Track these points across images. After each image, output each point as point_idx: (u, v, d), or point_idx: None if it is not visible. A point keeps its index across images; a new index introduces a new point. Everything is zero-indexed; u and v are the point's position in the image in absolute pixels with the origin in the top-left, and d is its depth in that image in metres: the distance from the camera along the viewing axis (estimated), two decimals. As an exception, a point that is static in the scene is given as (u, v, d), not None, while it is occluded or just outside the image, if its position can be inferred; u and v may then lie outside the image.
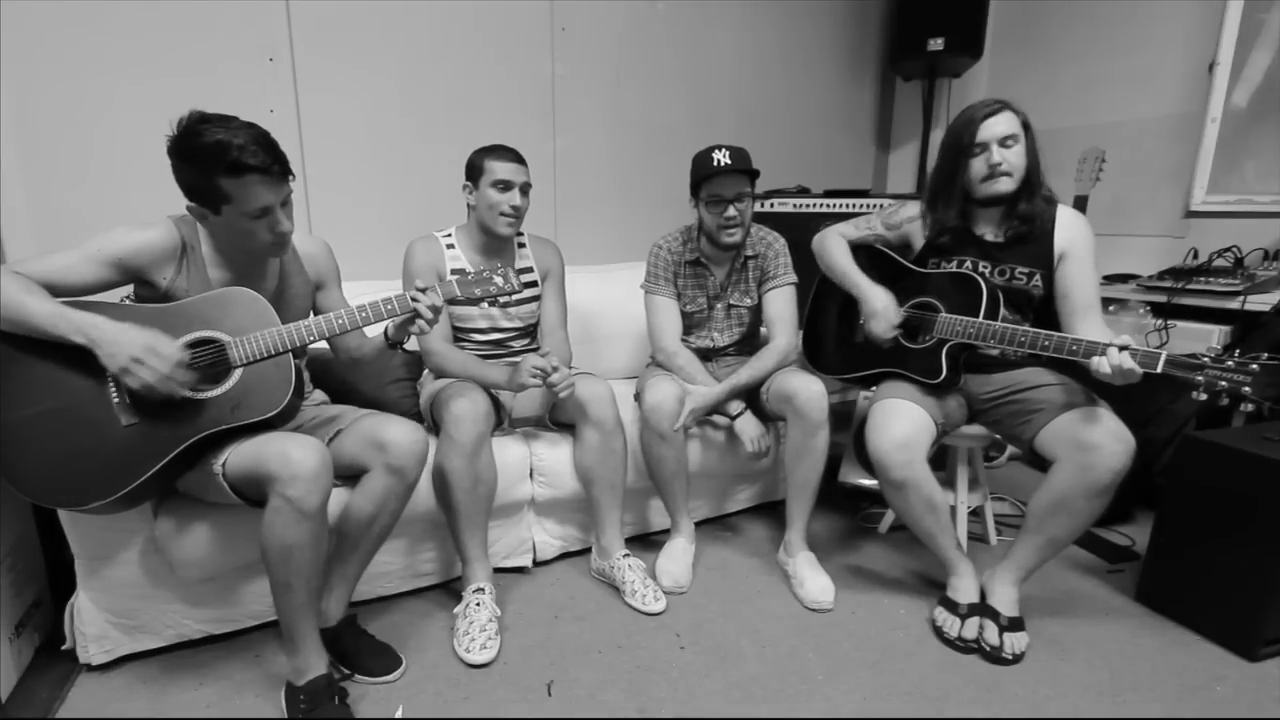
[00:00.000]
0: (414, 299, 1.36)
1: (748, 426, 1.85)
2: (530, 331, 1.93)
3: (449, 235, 1.82)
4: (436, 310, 1.38)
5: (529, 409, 1.89)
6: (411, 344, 1.71)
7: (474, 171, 1.73)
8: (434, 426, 1.71)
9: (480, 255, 1.81)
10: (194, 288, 1.30)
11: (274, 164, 1.21)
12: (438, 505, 1.62)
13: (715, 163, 1.75)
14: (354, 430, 1.43)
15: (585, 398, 1.72)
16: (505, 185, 1.70)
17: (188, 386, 1.23)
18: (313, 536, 1.23)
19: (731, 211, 1.78)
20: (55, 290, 1.21)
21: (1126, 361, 1.27)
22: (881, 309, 1.64)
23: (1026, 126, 1.54)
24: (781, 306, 1.90)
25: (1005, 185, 1.53)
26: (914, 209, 1.74)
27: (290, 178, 1.27)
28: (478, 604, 1.56)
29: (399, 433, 1.39)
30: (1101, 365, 1.31)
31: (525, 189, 1.74)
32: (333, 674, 1.32)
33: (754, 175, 1.80)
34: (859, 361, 1.79)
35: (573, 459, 1.80)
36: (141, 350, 1.16)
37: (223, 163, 1.17)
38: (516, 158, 1.72)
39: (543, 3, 2.44)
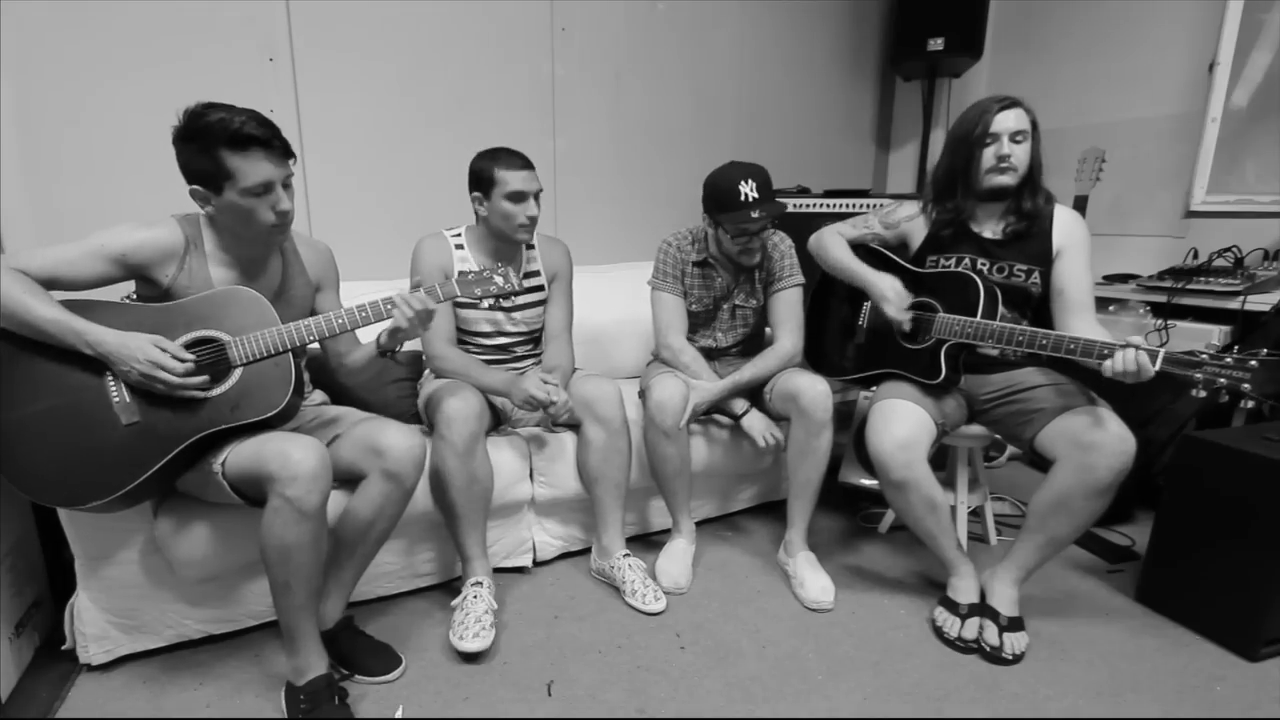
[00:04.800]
0: (388, 306, 1.35)
1: (755, 422, 1.84)
2: (536, 337, 1.92)
3: (458, 235, 1.79)
4: (425, 315, 1.37)
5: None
6: (414, 344, 1.71)
7: (483, 182, 1.67)
8: (431, 426, 1.70)
9: (489, 258, 1.78)
10: (196, 286, 1.30)
11: (274, 138, 1.24)
12: (435, 505, 1.62)
13: (743, 198, 1.70)
14: (352, 435, 1.43)
15: (592, 397, 1.72)
16: (520, 196, 1.65)
17: (200, 388, 1.25)
18: (312, 537, 1.23)
19: (755, 243, 1.80)
20: (57, 284, 1.22)
21: (1144, 361, 1.27)
22: (891, 291, 1.63)
23: (1035, 125, 1.55)
24: (787, 308, 1.90)
25: (1010, 179, 1.54)
26: (912, 208, 1.75)
27: (291, 159, 1.29)
28: (475, 596, 1.55)
29: (396, 438, 1.39)
30: (1116, 364, 1.30)
31: (538, 195, 1.69)
32: (333, 674, 1.33)
33: (780, 205, 1.77)
34: (859, 362, 1.79)
35: (576, 458, 1.80)
36: (149, 366, 1.19)
37: (225, 135, 1.19)
38: (526, 164, 1.67)
39: (543, 3, 2.44)
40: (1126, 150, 2.52)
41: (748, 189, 1.71)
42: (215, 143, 1.19)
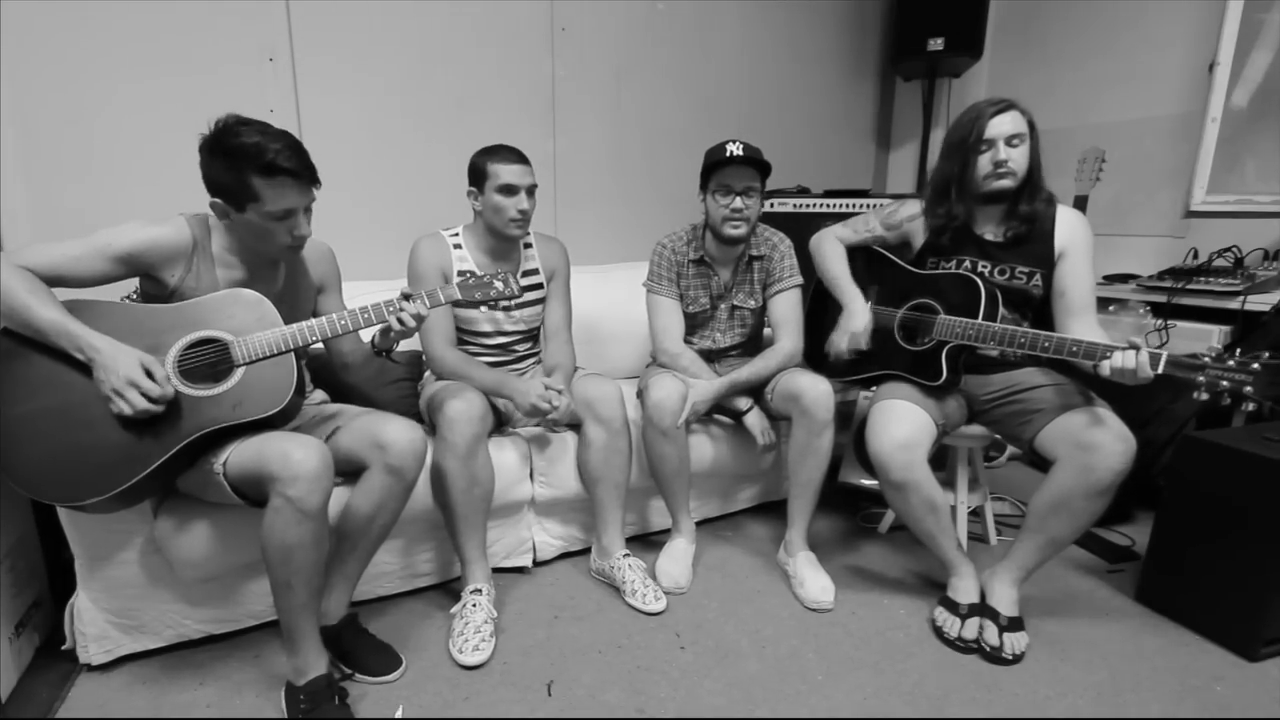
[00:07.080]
0: (389, 309, 1.36)
1: (756, 420, 1.86)
2: (535, 335, 1.92)
3: (456, 234, 1.80)
4: (419, 319, 1.38)
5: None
6: (413, 344, 1.72)
7: (478, 176, 1.70)
8: (433, 428, 1.70)
9: (487, 256, 1.79)
10: (202, 287, 1.30)
11: (304, 170, 1.25)
12: (435, 505, 1.62)
13: (728, 153, 1.76)
14: (353, 427, 1.43)
15: (592, 397, 1.72)
16: (510, 190, 1.67)
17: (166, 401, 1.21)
18: (313, 536, 1.23)
19: (738, 203, 1.78)
20: (61, 281, 1.22)
21: (1144, 362, 1.27)
22: (858, 330, 1.70)
23: (1032, 127, 1.54)
24: (786, 310, 1.90)
25: (1008, 183, 1.53)
26: (914, 208, 1.74)
27: (316, 185, 1.30)
28: (474, 605, 1.56)
29: (398, 431, 1.39)
30: (1116, 361, 1.30)
31: (531, 190, 1.71)
32: (333, 674, 1.33)
33: (765, 172, 1.80)
34: (859, 363, 1.79)
35: (576, 458, 1.80)
36: (124, 386, 1.16)
37: (259, 162, 1.19)
38: (520, 158, 1.69)
39: (543, 3, 2.44)
40: (1126, 150, 2.52)
41: (734, 146, 1.77)
42: (245, 166, 1.20)
